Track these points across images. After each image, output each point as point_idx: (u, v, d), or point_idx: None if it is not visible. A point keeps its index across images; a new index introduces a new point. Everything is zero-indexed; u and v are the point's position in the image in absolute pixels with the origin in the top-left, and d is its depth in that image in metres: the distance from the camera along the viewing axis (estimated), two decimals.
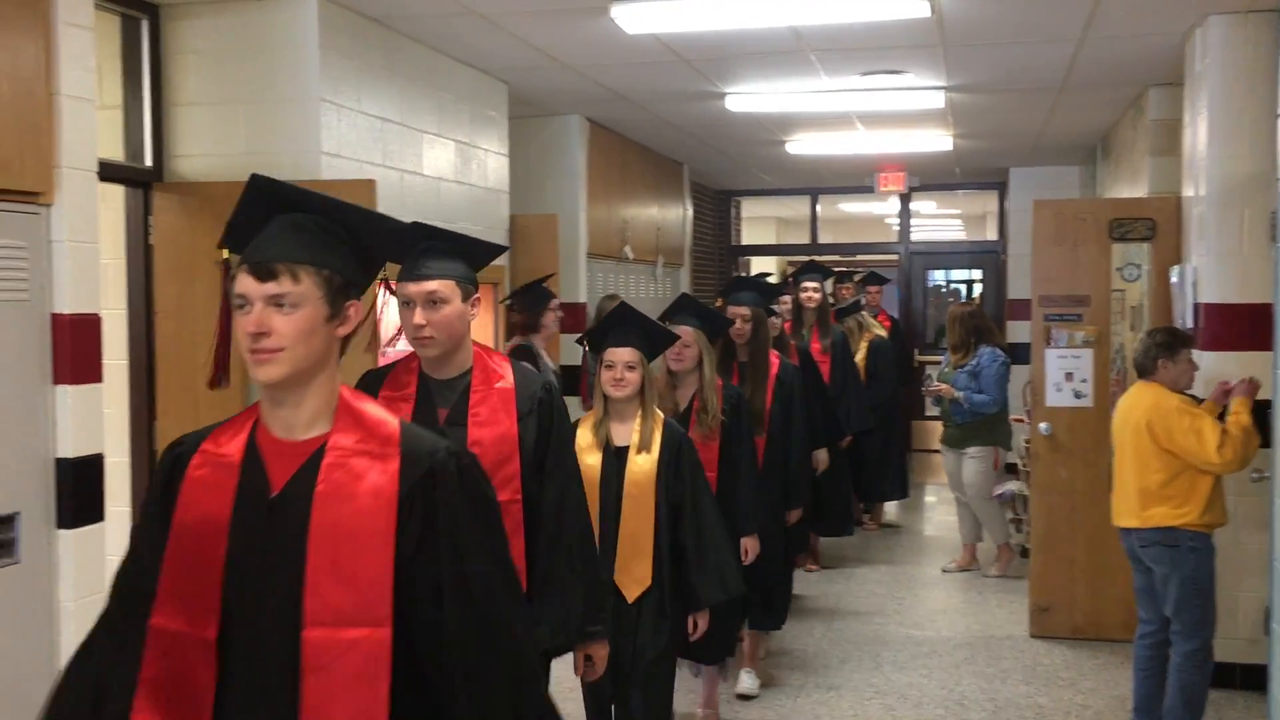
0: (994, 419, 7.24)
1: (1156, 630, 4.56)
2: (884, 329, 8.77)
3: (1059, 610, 6.07)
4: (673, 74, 6.53)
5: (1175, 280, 5.62)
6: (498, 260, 6.53)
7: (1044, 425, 6.02)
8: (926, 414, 12.58)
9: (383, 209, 4.89)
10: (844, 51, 6.05)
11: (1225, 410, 4.47)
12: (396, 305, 2.82)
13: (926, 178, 11.60)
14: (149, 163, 4.87)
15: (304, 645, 1.76)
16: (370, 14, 5.16)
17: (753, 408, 4.94)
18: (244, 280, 1.84)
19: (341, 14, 4.99)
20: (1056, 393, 6.02)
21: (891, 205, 13.11)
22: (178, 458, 1.91)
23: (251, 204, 1.96)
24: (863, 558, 7.88)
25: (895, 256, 12.94)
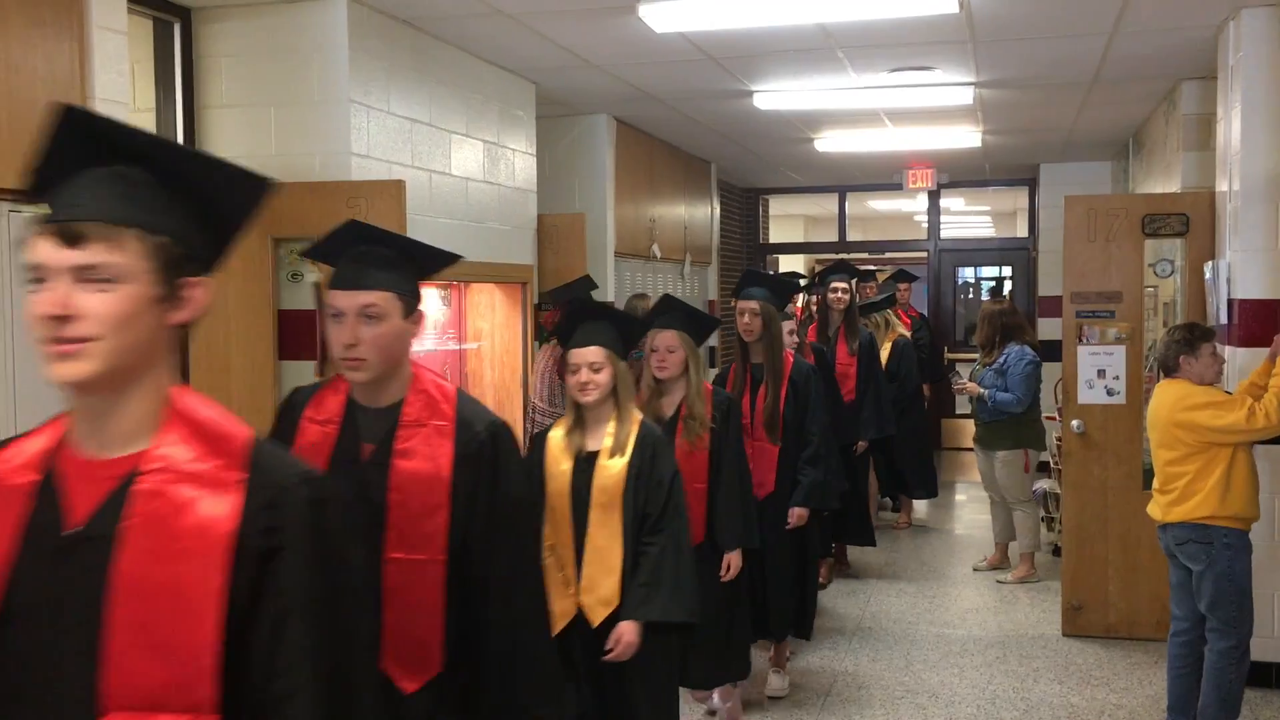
0: (1021, 419, 7.07)
1: (1191, 628, 4.52)
2: (905, 328, 8.73)
3: (1092, 609, 6.03)
4: (700, 73, 6.53)
5: (1209, 276, 5.57)
6: (525, 260, 6.64)
7: (1076, 423, 5.97)
8: (957, 412, 12.54)
9: (412, 209, 4.93)
10: (872, 48, 6.03)
11: None
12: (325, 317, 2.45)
13: (956, 174, 11.53)
14: None
15: None
16: (399, 15, 5.18)
17: (769, 413, 4.76)
18: (42, 246, 1.40)
19: (371, 16, 5.02)
20: (1089, 390, 5.97)
21: (920, 202, 13.05)
22: None
23: (60, 145, 1.47)
24: (893, 557, 7.85)
25: (924, 254, 12.89)
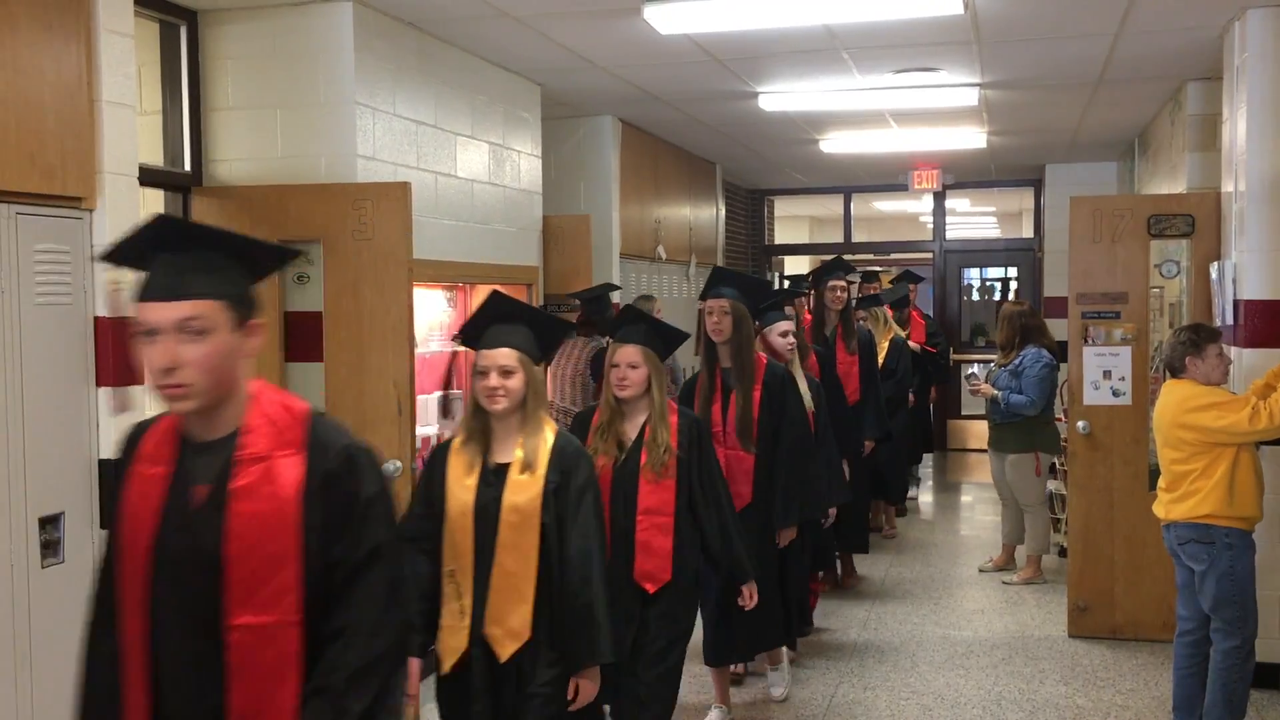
0: (1034, 422, 7.01)
1: (1196, 628, 4.51)
2: (919, 329, 8.72)
3: (1098, 610, 6.02)
4: (705, 74, 6.54)
5: (1215, 277, 5.57)
6: (531, 261, 6.66)
7: (1082, 424, 5.97)
8: (963, 413, 12.53)
9: (417, 211, 4.95)
10: (877, 49, 6.03)
11: None
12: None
13: (961, 175, 11.53)
14: (188, 167, 4.94)
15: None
16: (405, 18, 5.20)
17: (740, 420, 4.49)
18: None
19: (376, 18, 5.03)
20: (1094, 391, 5.96)
21: (926, 203, 13.04)
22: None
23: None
24: (899, 558, 7.84)
25: (929, 254, 12.88)
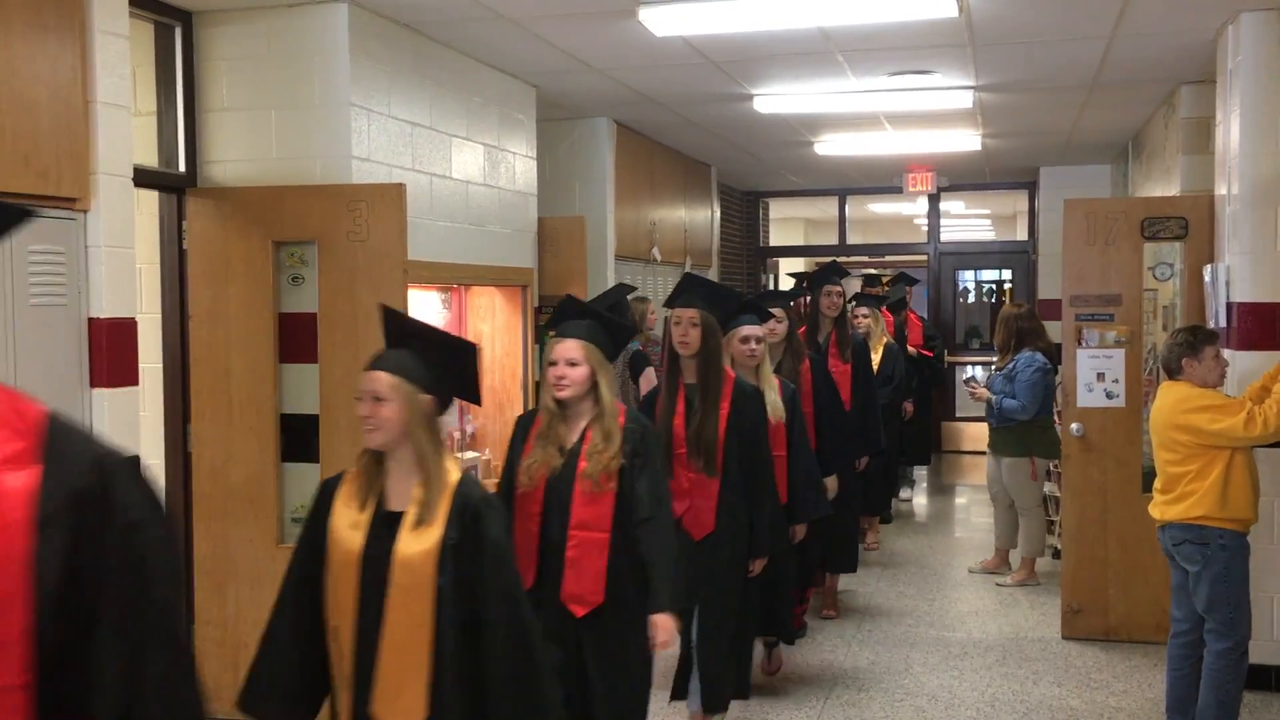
0: (1029, 426, 6.99)
1: (1190, 630, 4.52)
2: (917, 332, 8.71)
3: (1091, 612, 6.03)
4: (700, 76, 6.54)
5: (1208, 279, 5.58)
6: (526, 263, 6.66)
7: (1075, 426, 5.98)
8: (958, 415, 12.55)
9: (412, 213, 4.96)
10: (872, 52, 6.04)
11: None
12: None
13: (955, 177, 11.55)
14: (182, 168, 4.93)
15: None
16: (400, 19, 5.20)
17: (703, 440, 4.14)
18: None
19: (372, 20, 5.03)
20: (1088, 393, 5.98)
21: (920, 205, 13.06)
22: None
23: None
24: (893, 559, 7.85)
25: (924, 257, 12.90)
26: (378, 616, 2.58)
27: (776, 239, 14.48)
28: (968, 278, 13.89)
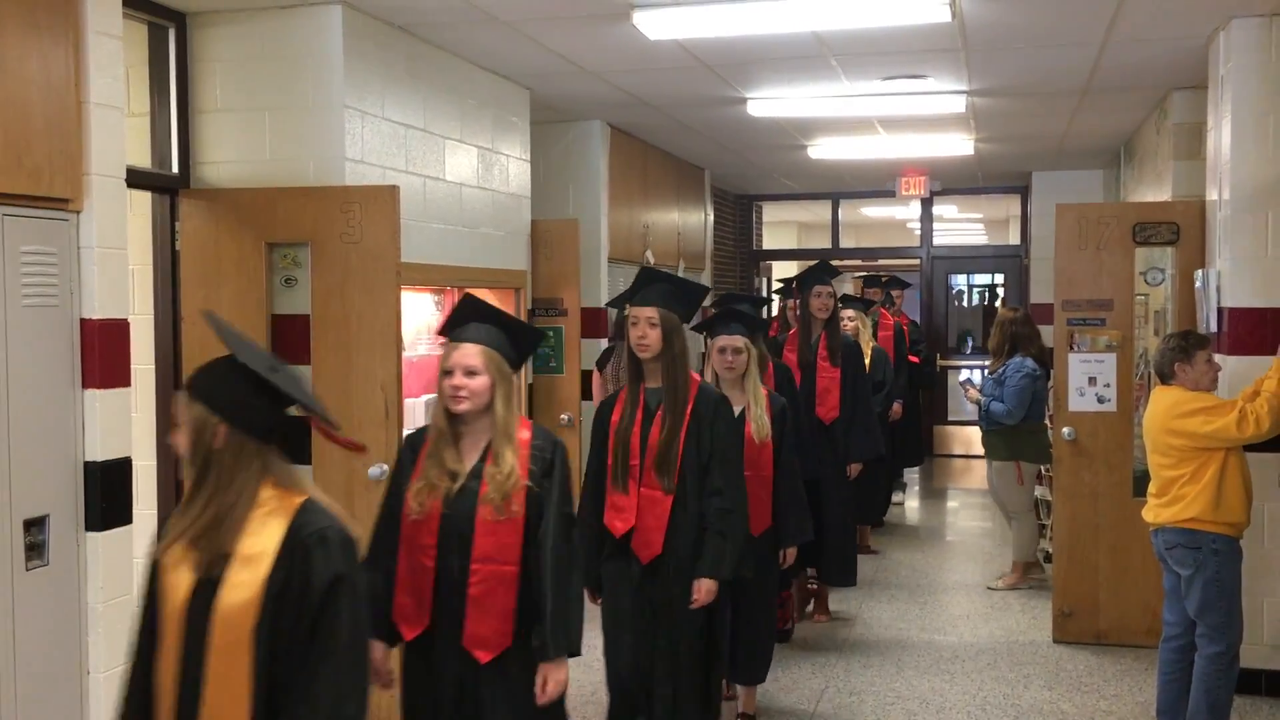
0: (1017, 431, 6.98)
1: (1181, 634, 4.54)
2: (904, 333, 8.71)
3: (1082, 615, 6.04)
4: (694, 79, 6.55)
5: (1199, 284, 5.60)
6: (519, 265, 6.65)
7: (1067, 430, 6.00)
8: (950, 419, 12.58)
9: (406, 215, 4.95)
10: (865, 56, 6.05)
11: None
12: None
13: (948, 181, 11.58)
14: (175, 169, 4.92)
15: None
16: (394, 21, 5.20)
17: (668, 453, 3.84)
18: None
19: (366, 21, 5.03)
20: (1080, 397, 5.99)
21: (913, 209, 13.09)
22: None
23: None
24: (884, 563, 7.86)
25: (917, 260, 12.93)
26: (197, 684, 2.18)
27: (770, 242, 14.50)
28: (960, 281, 13.93)
